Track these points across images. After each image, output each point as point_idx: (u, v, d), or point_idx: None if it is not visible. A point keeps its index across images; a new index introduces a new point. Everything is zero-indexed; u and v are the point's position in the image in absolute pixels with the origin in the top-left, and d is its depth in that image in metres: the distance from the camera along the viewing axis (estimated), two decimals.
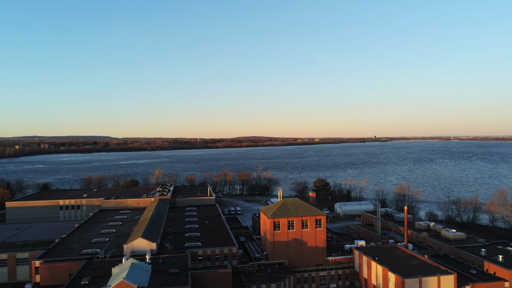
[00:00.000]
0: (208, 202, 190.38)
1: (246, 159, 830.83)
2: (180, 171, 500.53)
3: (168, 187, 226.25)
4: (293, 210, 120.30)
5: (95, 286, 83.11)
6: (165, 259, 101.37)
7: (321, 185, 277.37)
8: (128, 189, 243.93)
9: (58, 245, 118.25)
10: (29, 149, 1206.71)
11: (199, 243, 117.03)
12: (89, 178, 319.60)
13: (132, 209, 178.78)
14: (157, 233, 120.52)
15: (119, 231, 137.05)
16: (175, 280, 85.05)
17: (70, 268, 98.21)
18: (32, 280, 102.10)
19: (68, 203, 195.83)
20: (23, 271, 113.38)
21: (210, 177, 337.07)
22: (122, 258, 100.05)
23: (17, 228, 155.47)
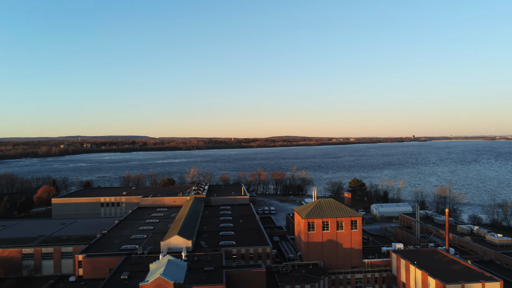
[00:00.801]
0: (242, 201, 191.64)
1: (280, 158, 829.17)
2: (215, 170, 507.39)
3: (203, 186, 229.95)
4: (328, 210, 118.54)
5: (134, 281, 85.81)
6: (200, 256, 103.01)
7: (356, 185, 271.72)
8: (165, 188, 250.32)
9: (99, 241, 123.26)
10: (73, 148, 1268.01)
11: (233, 242, 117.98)
12: (128, 176, 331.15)
13: (168, 207, 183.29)
14: (192, 231, 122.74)
15: (156, 228, 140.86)
16: (210, 277, 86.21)
17: (110, 263, 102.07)
18: (75, 273, 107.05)
19: (108, 200, 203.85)
20: (67, 264, 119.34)
21: (244, 177, 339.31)
22: (159, 254, 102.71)
23: (62, 223, 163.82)
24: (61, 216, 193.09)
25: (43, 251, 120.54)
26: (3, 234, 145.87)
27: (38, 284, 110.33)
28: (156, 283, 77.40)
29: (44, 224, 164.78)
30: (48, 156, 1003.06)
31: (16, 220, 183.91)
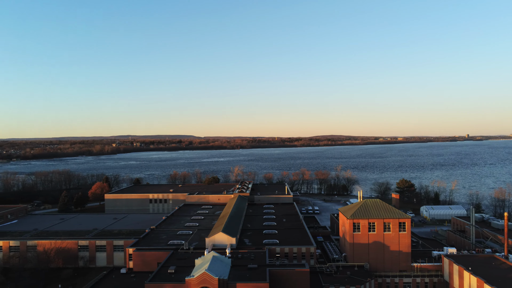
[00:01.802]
0: (285, 200, 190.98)
1: (324, 158, 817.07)
2: (258, 169, 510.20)
3: (247, 184, 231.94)
4: (374, 211, 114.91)
5: (180, 275, 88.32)
6: (244, 254, 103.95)
7: (405, 186, 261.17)
8: (210, 186, 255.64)
9: (148, 235, 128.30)
10: (124, 147, 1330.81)
11: (277, 241, 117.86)
12: (174, 174, 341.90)
13: (213, 205, 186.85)
14: (236, 229, 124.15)
15: (201, 225, 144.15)
16: (253, 275, 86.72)
17: (158, 257, 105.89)
18: (126, 265, 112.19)
19: (156, 197, 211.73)
20: (119, 257, 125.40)
21: (287, 176, 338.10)
22: (204, 250, 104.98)
23: (114, 218, 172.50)
24: (113, 211, 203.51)
25: (97, 243, 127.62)
26: (61, 227, 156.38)
27: (92, 274, 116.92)
28: (201, 278, 79.16)
29: (98, 218, 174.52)
30: (101, 154, 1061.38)
31: (73, 214, 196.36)
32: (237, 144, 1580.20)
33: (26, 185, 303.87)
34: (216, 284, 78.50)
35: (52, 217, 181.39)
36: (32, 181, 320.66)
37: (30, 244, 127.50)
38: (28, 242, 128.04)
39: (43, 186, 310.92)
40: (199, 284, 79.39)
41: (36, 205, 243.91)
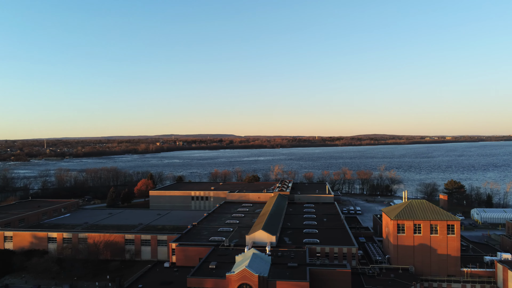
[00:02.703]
0: (326, 200, 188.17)
1: (367, 157, 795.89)
2: (298, 168, 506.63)
3: (287, 183, 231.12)
4: (420, 212, 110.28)
5: (221, 271, 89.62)
6: (284, 252, 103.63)
7: (454, 187, 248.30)
8: (250, 184, 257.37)
9: (190, 231, 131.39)
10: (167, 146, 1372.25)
11: (317, 240, 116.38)
12: (215, 172, 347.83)
13: (253, 203, 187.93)
14: (276, 227, 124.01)
15: (241, 222, 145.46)
16: (293, 273, 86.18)
17: (200, 252, 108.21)
18: (169, 259, 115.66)
19: (198, 194, 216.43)
20: (162, 251, 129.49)
21: (328, 175, 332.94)
22: (244, 247, 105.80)
23: (158, 214, 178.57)
24: (157, 207, 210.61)
25: (142, 238, 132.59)
26: (109, 221, 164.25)
27: (138, 267, 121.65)
28: (242, 275, 79.82)
29: (143, 214, 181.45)
30: (146, 153, 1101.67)
31: (120, 209, 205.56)
32: (277, 143, 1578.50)
33: (78, 181, 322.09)
34: (256, 281, 78.85)
35: (101, 212, 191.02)
36: (83, 177, 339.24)
37: (81, 236, 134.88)
38: (79, 235, 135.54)
39: (93, 183, 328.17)
40: (239, 280, 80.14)
41: (86, 200, 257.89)
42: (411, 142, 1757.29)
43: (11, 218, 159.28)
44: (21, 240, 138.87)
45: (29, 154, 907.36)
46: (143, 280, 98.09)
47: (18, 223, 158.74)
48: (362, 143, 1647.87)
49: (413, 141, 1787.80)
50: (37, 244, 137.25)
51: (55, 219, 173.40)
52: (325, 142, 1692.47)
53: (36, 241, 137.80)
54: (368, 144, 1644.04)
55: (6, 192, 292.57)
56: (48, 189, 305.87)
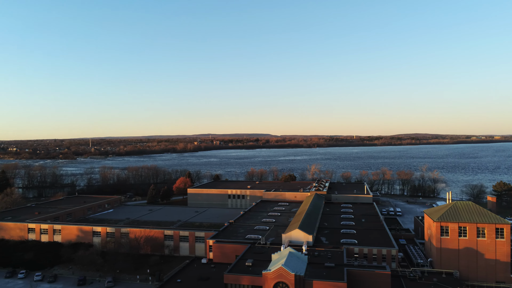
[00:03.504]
0: (364, 200, 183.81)
1: (407, 157, 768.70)
2: (336, 168, 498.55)
3: (324, 183, 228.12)
4: (465, 215, 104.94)
5: (257, 268, 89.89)
6: (320, 252, 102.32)
7: (503, 189, 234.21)
8: (286, 183, 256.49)
9: (227, 229, 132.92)
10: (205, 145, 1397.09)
11: (355, 241, 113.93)
12: (252, 171, 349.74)
13: (289, 202, 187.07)
14: (313, 226, 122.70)
15: (278, 221, 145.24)
16: (330, 273, 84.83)
17: (236, 249, 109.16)
18: (207, 256, 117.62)
19: (234, 193, 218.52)
20: (200, 248, 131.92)
21: (367, 175, 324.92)
22: (280, 246, 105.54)
23: (195, 211, 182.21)
24: (195, 205, 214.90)
25: (180, 234, 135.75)
26: (149, 217, 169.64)
27: (176, 262, 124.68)
28: (278, 273, 79.62)
29: (181, 211, 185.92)
30: (184, 152, 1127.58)
31: (159, 205, 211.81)
32: (313, 142, 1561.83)
33: (120, 179, 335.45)
34: (292, 280, 78.36)
35: (141, 208, 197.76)
36: (125, 175, 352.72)
37: (123, 231, 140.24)
38: (122, 229, 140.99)
39: (134, 180, 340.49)
40: (275, 278, 79.99)
41: (128, 197, 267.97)
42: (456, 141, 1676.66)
43: (59, 212, 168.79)
44: (68, 233, 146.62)
45: (75, 152, 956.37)
46: (181, 275, 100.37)
47: (66, 217, 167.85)
48: (402, 143, 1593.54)
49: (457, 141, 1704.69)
50: (83, 237, 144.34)
51: (99, 214, 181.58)
52: (363, 142, 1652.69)
53: (82, 235, 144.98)
54: (409, 143, 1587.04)
55: (55, 188, 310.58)
56: (93, 186, 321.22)
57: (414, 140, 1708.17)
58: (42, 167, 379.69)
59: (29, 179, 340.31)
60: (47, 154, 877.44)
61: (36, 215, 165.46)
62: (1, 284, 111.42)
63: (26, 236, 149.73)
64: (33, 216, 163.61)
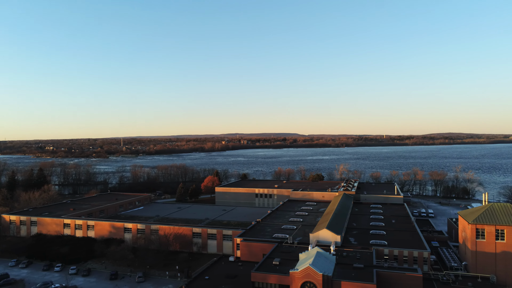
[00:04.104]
0: (395, 200, 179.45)
1: (440, 157, 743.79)
2: (365, 168, 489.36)
3: (353, 183, 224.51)
4: (503, 217, 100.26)
5: (284, 267, 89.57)
6: (349, 252, 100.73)
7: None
8: (314, 183, 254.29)
9: (254, 227, 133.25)
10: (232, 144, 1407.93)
11: (385, 242, 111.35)
12: (279, 170, 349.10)
13: (317, 202, 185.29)
14: (341, 227, 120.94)
15: (305, 220, 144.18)
16: (359, 275, 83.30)
17: (263, 248, 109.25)
18: (234, 254, 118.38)
19: (262, 192, 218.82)
20: (227, 246, 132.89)
21: (397, 175, 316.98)
22: (308, 246, 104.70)
23: (223, 210, 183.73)
24: (222, 203, 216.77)
25: (208, 231, 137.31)
26: (178, 215, 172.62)
27: (204, 259, 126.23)
28: (306, 272, 79.02)
29: (209, 209, 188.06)
30: (212, 151, 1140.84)
31: (188, 204, 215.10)
32: (342, 142, 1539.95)
33: (150, 177, 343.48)
34: (320, 280, 77.53)
35: (170, 206, 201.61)
36: (155, 173, 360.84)
37: (153, 228, 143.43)
38: (151, 226, 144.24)
39: (163, 178, 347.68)
40: (303, 278, 79.42)
41: (158, 195, 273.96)
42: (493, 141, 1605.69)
43: (93, 209, 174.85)
44: (101, 229, 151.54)
45: (108, 151, 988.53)
46: (209, 272, 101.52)
47: (98, 213, 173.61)
48: (435, 142, 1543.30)
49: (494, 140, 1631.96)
50: (115, 233, 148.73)
51: (130, 211, 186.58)
52: (393, 141, 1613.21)
53: (114, 231, 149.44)
54: (442, 143, 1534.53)
55: (88, 186, 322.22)
56: (124, 184, 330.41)
57: (447, 140, 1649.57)
58: (76, 165, 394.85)
59: (65, 176, 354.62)
60: (82, 153, 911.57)
61: (71, 211, 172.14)
62: (39, 276, 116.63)
63: (62, 231, 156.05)
64: (68, 212, 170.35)
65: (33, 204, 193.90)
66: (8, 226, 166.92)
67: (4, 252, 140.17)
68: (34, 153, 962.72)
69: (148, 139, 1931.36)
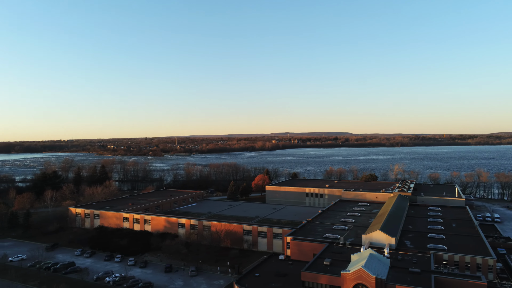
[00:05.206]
0: (455, 203, 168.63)
1: (508, 158, 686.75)
2: (422, 168, 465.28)
3: (409, 184, 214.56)
4: None
5: (335, 268, 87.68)
6: (404, 256, 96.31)
7: None
8: (367, 183, 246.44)
9: (304, 227, 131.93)
10: (283, 143, 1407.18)
11: (444, 246, 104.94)
12: (330, 170, 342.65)
13: (370, 202, 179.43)
14: (396, 229, 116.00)
15: (357, 221, 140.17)
16: (415, 279, 79.26)
17: (314, 248, 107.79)
18: (284, 252, 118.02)
19: (312, 191, 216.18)
20: (277, 244, 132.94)
21: (458, 177, 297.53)
22: (360, 247, 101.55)
23: (273, 208, 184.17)
24: (272, 202, 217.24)
25: (259, 229, 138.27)
26: (229, 212, 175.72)
27: (255, 257, 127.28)
28: (358, 274, 76.75)
29: (259, 207, 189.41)
30: (262, 150, 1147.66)
31: (239, 201, 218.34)
32: (397, 141, 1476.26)
33: (203, 175, 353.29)
34: (373, 283, 74.86)
35: (222, 203, 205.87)
36: (207, 171, 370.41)
37: (205, 224, 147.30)
38: (204, 222, 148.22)
39: (215, 176, 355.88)
40: (354, 280, 77.19)
41: (210, 192, 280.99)
42: None
43: (149, 204, 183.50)
44: (157, 224, 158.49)
45: (163, 150, 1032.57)
46: (259, 269, 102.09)
47: (154, 208, 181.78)
48: (502, 142, 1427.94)
49: None
50: (169, 228, 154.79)
51: (184, 207, 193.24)
52: (454, 141, 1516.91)
53: (168, 226, 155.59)
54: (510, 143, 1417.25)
55: (145, 182, 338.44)
56: (178, 181, 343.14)
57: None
58: (135, 163, 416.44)
59: (124, 173, 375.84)
60: (139, 151, 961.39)
61: (129, 206, 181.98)
62: (101, 266, 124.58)
63: (121, 224, 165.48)
64: (127, 206, 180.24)
65: (96, 198, 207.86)
66: (74, 218, 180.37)
67: (71, 242, 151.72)
68: (97, 151, 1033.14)
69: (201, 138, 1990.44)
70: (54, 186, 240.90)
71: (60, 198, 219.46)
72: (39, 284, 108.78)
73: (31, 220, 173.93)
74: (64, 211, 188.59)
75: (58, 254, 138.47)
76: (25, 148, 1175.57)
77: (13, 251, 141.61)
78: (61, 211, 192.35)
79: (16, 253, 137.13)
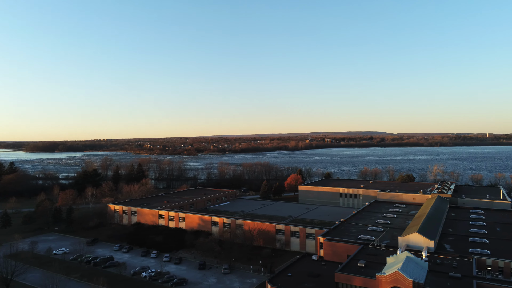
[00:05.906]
0: (500, 206, 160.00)
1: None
2: (463, 169, 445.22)
3: (448, 185, 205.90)
4: None
5: (370, 270, 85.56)
6: (443, 260, 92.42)
7: None
8: (403, 184, 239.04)
9: (338, 227, 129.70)
10: (316, 143, 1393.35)
11: (488, 251, 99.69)
12: (365, 170, 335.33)
13: (407, 204, 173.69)
14: (434, 231, 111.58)
15: (393, 223, 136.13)
16: (455, 285, 75.88)
17: (348, 249, 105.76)
18: (317, 253, 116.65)
19: (346, 192, 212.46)
20: (310, 244, 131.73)
21: (503, 178, 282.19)
22: (396, 249, 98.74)
23: (306, 208, 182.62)
24: (305, 202, 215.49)
25: (291, 229, 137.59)
26: (262, 211, 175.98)
27: (287, 256, 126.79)
28: (394, 277, 74.52)
29: (292, 207, 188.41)
30: (295, 150, 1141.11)
31: (271, 201, 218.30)
32: (436, 141, 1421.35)
33: (236, 174, 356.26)
34: (410, 286, 72.35)
35: (254, 202, 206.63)
36: (240, 171, 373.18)
37: (238, 222, 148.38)
38: (237, 221, 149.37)
39: (248, 176, 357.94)
40: (390, 283, 74.95)
41: (242, 191, 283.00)
42: None
43: (184, 202, 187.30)
44: (191, 221, 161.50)
45: (197, 149, 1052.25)
46: (292, 269, 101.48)
47: (189, 206, 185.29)
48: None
49: None
50: (203, 226, 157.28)
51: (217, 205, 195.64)
52: (499, 141, 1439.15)
53: (202, 223, 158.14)
54: None
55: (180, 181, 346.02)
56: (212, 180, 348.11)
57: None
58: (170, 162, 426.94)
59: (160, 172, 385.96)
60: (174, 150, 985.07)
61: (165, 203, 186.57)
62: (138, 261, 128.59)
63: (157, 221, 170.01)
64: (162, 204, 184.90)
65: (133, 195, 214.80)
66: (113, 215, 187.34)
67: (110, 237, 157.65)
68: (134, 150, 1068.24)
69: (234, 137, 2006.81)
70: (94, 184, 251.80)
71: (100, 195, 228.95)
72: (80, 276, 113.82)
73: (73, 215, 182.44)
74: (103, 208, 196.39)
75: (98, 248, 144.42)
76: (68, 147, 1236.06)
77: (57, 244, 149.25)
78: (101, 207, 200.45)
79: (59, 247, 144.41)
